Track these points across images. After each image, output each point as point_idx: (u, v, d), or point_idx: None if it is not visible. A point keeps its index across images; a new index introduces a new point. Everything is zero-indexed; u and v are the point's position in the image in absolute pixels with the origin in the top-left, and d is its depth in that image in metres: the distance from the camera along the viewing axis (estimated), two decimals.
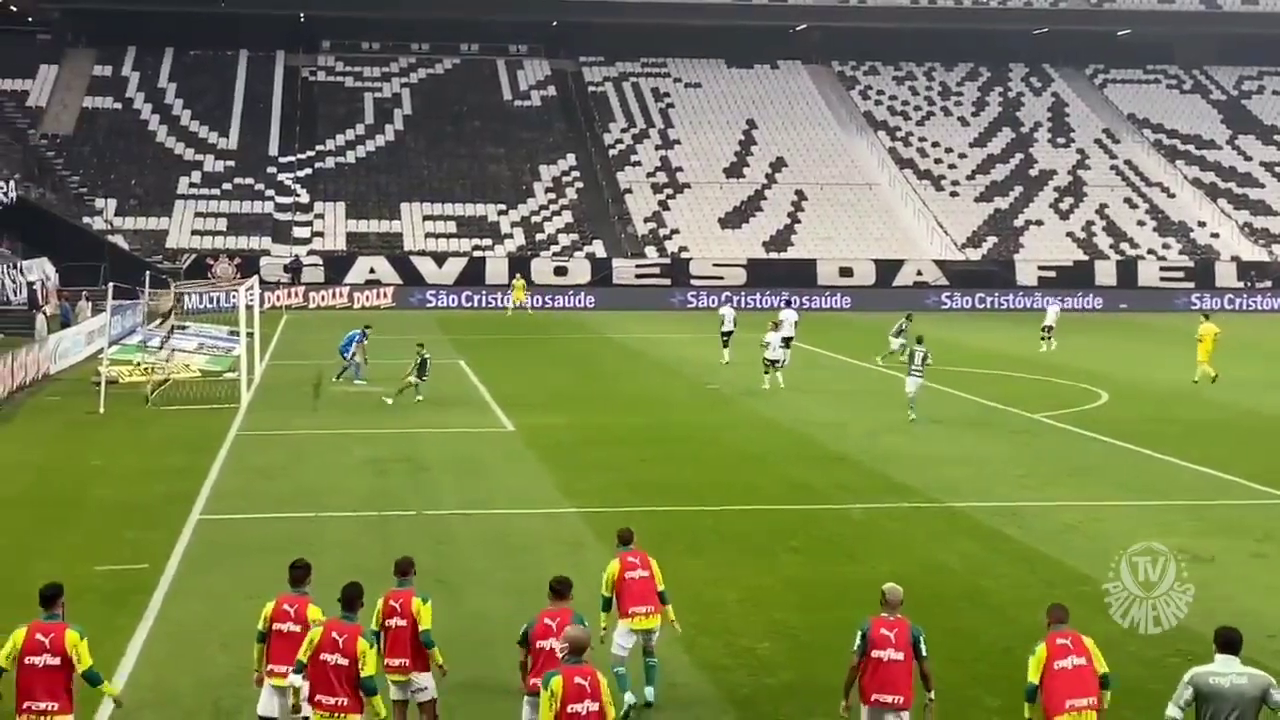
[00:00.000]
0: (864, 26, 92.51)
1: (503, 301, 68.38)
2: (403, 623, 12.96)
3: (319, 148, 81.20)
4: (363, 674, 11.92)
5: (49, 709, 11.74)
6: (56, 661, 11.77)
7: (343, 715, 11.98)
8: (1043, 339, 51.14)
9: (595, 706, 10.95)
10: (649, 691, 14.74)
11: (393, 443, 30.37)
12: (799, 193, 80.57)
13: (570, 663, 11.17)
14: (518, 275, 69.29)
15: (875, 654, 12.39)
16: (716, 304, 58.35)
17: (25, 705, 11.75)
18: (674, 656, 15.72)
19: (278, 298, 67.33)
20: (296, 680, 12.15)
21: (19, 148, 74.31)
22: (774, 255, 75.52)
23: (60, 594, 12.18)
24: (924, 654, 12.49)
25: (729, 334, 46.23)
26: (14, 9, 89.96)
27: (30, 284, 58.31)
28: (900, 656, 12.37)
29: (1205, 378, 41.18)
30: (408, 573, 13.43)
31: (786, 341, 44.11)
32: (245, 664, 13.80)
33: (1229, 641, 11.31)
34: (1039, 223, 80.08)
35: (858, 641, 12.44)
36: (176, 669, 15.85)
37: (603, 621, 14.51)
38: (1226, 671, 11.17)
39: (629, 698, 14.36)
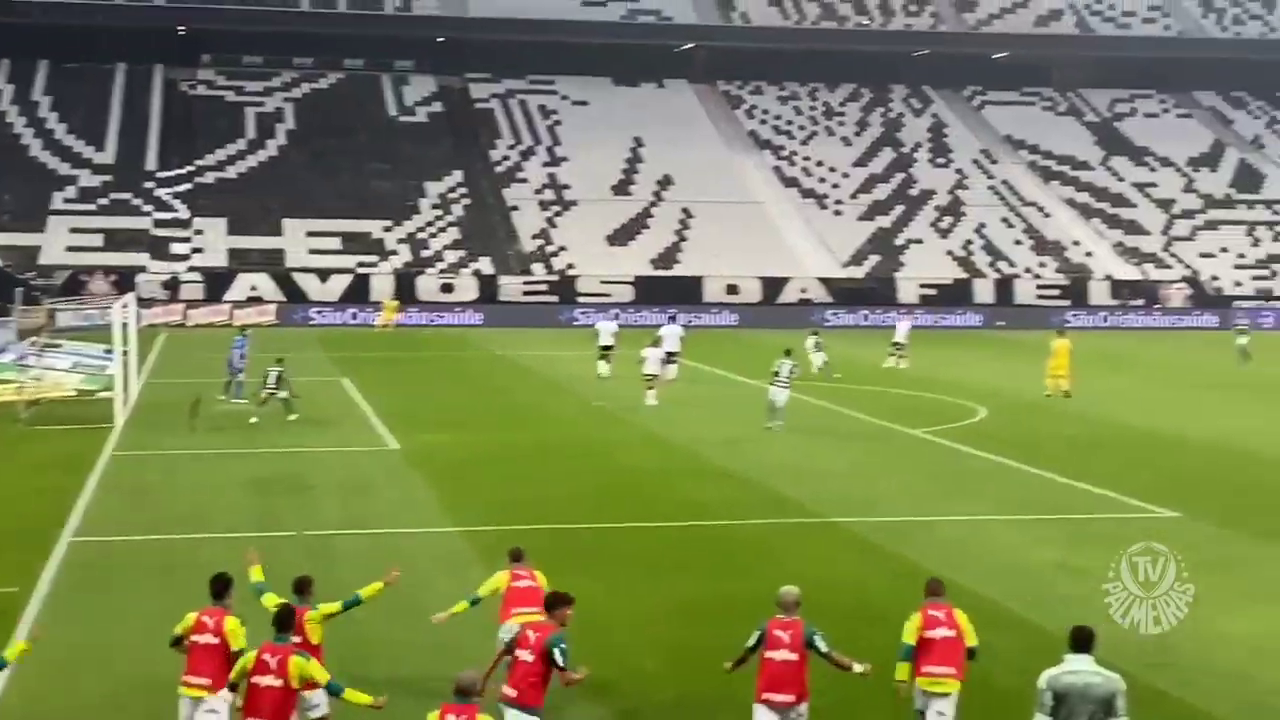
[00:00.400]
0: (749, 47, 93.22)
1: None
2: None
3: (199, 162, 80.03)
4: (322, 685, 12.22)
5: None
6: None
7: None
8: (891, 355, 51.38)
9: None
10: None
11: (274, 462, 29.95)
12: (686, 210, 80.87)
13: (456, 701, 11.40)
14: (391, 297, 68.99)
15: (769, 654, 12.83)
16: (625, 320, 59.09)
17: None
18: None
19: (155, 315, 66.22)
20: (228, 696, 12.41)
21: None
22: (661, 272, 75.70)
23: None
24: (825, 649, 12.91)
25: (608, 349, 46.25)
26: None
27: None
28: (794, 657, 12.78)
29: (1058, 392, 42.11)
30: (304, 592, 13.80)
31: (671, 356, 44.46)
32: (118, 687, 13.50)
33: (1080, 640, 11.54)
34: (919, 241, 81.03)
35: (753, 640, 12.98)
36: (48, 693, 15.45)
37: (457, 608, 15.42)
38: (1080, 669, 11.39)
39: None
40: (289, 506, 25.48)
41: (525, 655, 12.78)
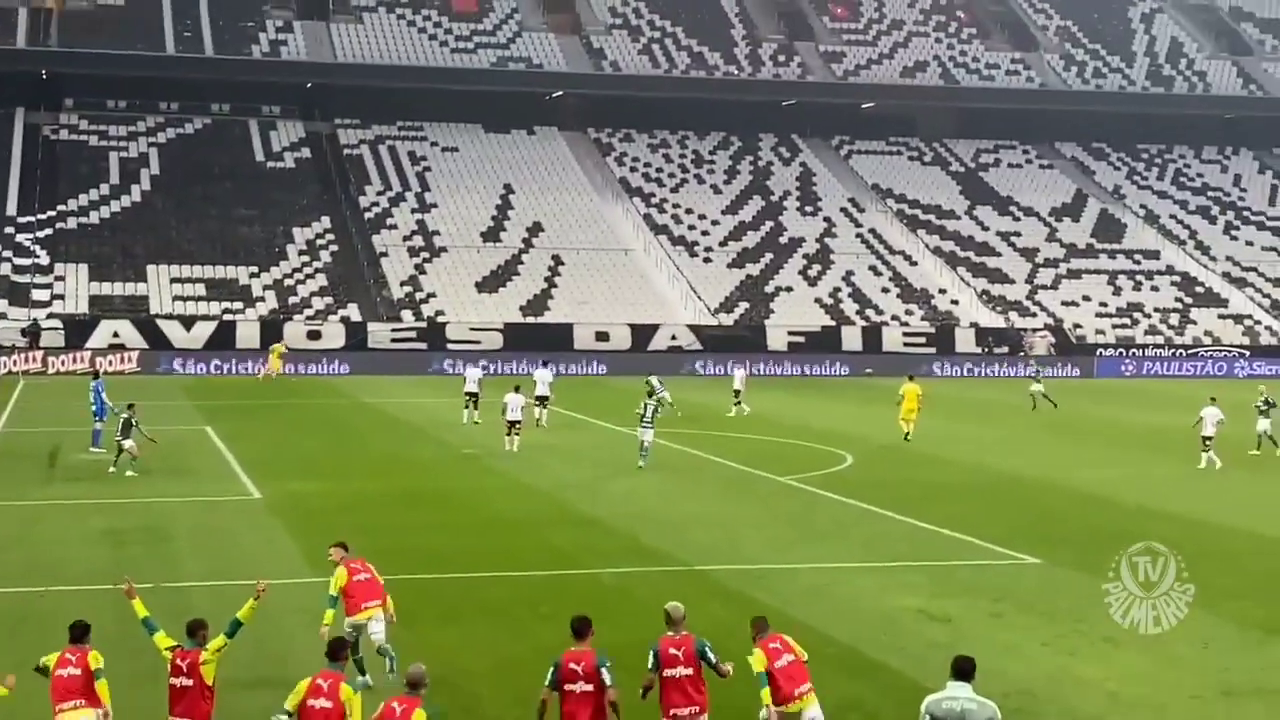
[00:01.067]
0: (619, 95, 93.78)
1: (255, 368, 67.09)
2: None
3: (60, 208, 78.60)
4: None
5: None
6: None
7: None
8: (735, 404, 51.48)
9: None
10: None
11: (133, 512, 29.42)
12: (556, 257, 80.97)
13: (404, 693, 12.77)
14: (279, 342, 68.04)
15: (667, 672, 13.71)
16: (495, 370, 59.28)
17: None
18: None
19: (14, 362, 64.85)
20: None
21: None
22: (531, 319, 75.66)
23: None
24: (714, 660, 13.95)
25: (473, 395, 46.29)
26: None
27: None
28: (690, 671, 13.75)
29: (902, 434, 43.38)
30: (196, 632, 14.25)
31: (542, 400, 45.08)
32: None
33: (962, 670, 12.15)
34: (789, 289, 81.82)
35: (650, 661, 13.87)
36: None
37: (328, 619, 17.09)
38: (958, 696, 11.96)
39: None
40: (148, 557, 25.03)
41: (584, 686, 13.45)
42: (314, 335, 71.34)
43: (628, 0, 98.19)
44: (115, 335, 68.97)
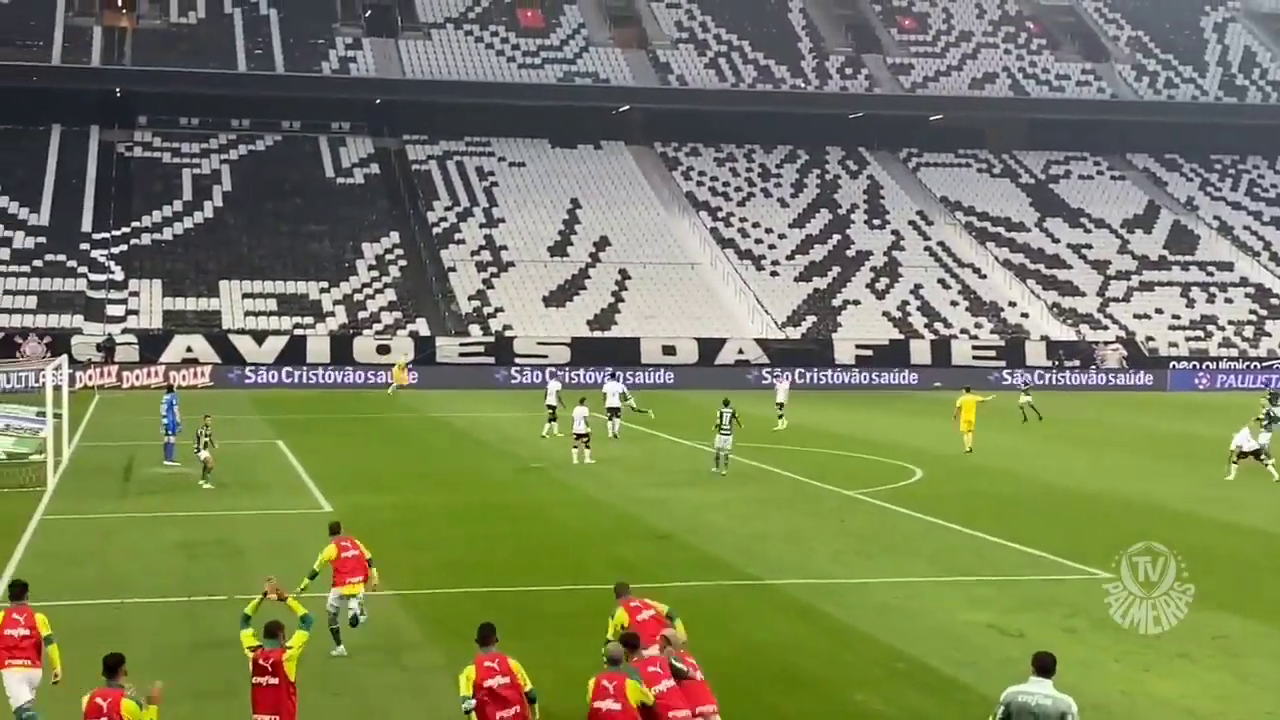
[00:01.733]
0: (685, 109, 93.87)
1: (324, 378, 67.77)
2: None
3: (135, 224, 79.58)
4: None
5: None
6: None
7: None
8: (779, 417, 50.98)
9: None
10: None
11: (206, 525, 29.69)
12: (623, 271, 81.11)
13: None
14: (403, 356, 68.53)
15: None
16: (541, 380, 59.40)
17: None
18: None
19: (90, 377, 65.64)
20: None
21: None
22: (598, 333, 75.79)
23: (121, 662, 13.49)
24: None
25: (553, 408, 46.64)
26: None
27: None
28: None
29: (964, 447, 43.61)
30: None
31: (613, 413, 45.52)
32: None
33: (1043, 666, 12.45)
34: (856, 302, 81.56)
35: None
36: None
37: (304, 584, 19.08)
38: (1035, 691, 12.26)
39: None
40: (221, 570, 25.25)
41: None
42: (383, 349, 71.76)
43: (694, 14, 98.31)
44: (188, 350, 69.70)
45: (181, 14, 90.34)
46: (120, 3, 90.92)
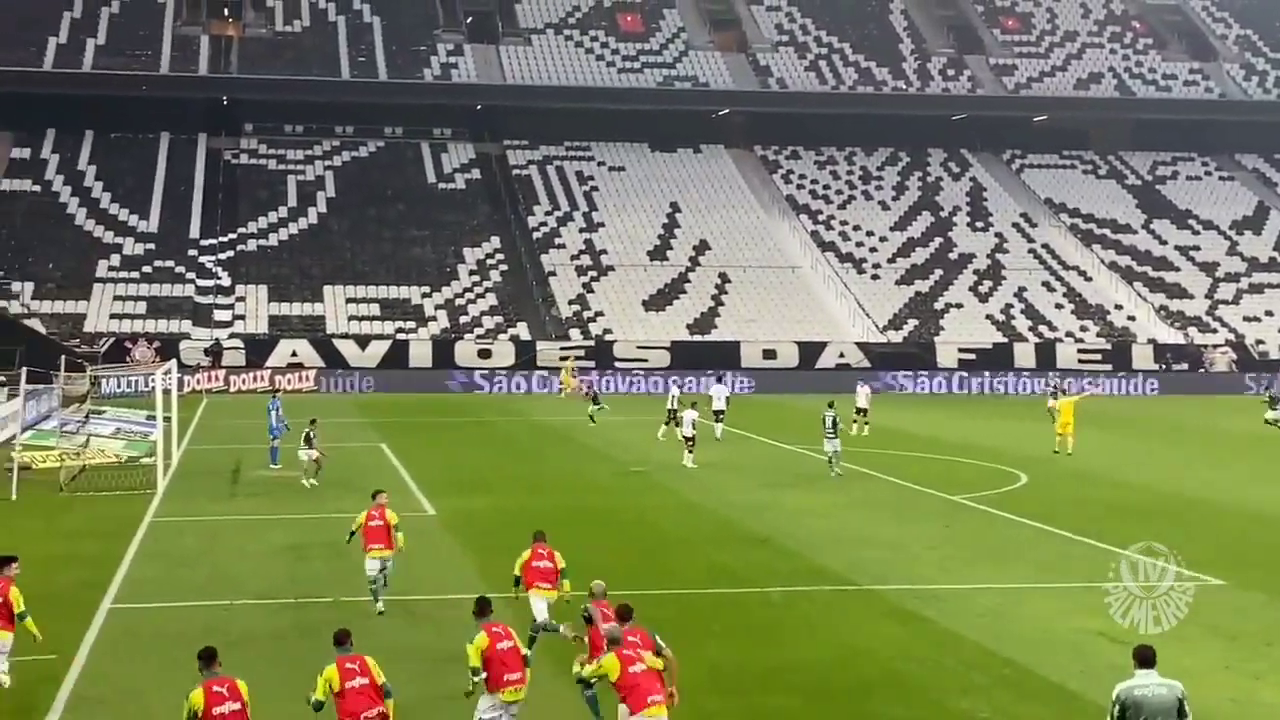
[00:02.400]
0: (786, 112, 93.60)
1: (429, 385, 68.34)
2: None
3: (241, 230, 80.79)
4: None
5: None
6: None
7: None
8: (855, 421, 49.70)
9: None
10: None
11: (312, 528, 30.01)
12: (722, 275, 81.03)
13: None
14: (569, 359, 68.31)
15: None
16: (660, 387, 59.62)
17: None
18: None
19: (198, 381, 66.66)
20: None
21: None
22: (698, 337, 75.76)
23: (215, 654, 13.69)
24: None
25: (673, 412, 46.76)
26: None
27: None
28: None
29: (1064, 448, 43.64)
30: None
31: (719, 415, 45.67)
32: None
33: (1145, 658, 12.77)
34: (959, 305, 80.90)
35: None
36: None
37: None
38: (1147, 683, 12.57)
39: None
40: (327, 572, 25.50)
41: (647, 657, 14.35)
42: (484, 354, 72.23)
43: (794, 17, 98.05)
44: (293, 354, 70.58)
45: (286, 22, 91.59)
46: (227, 12, 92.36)
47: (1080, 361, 76.28)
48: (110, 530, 29.38)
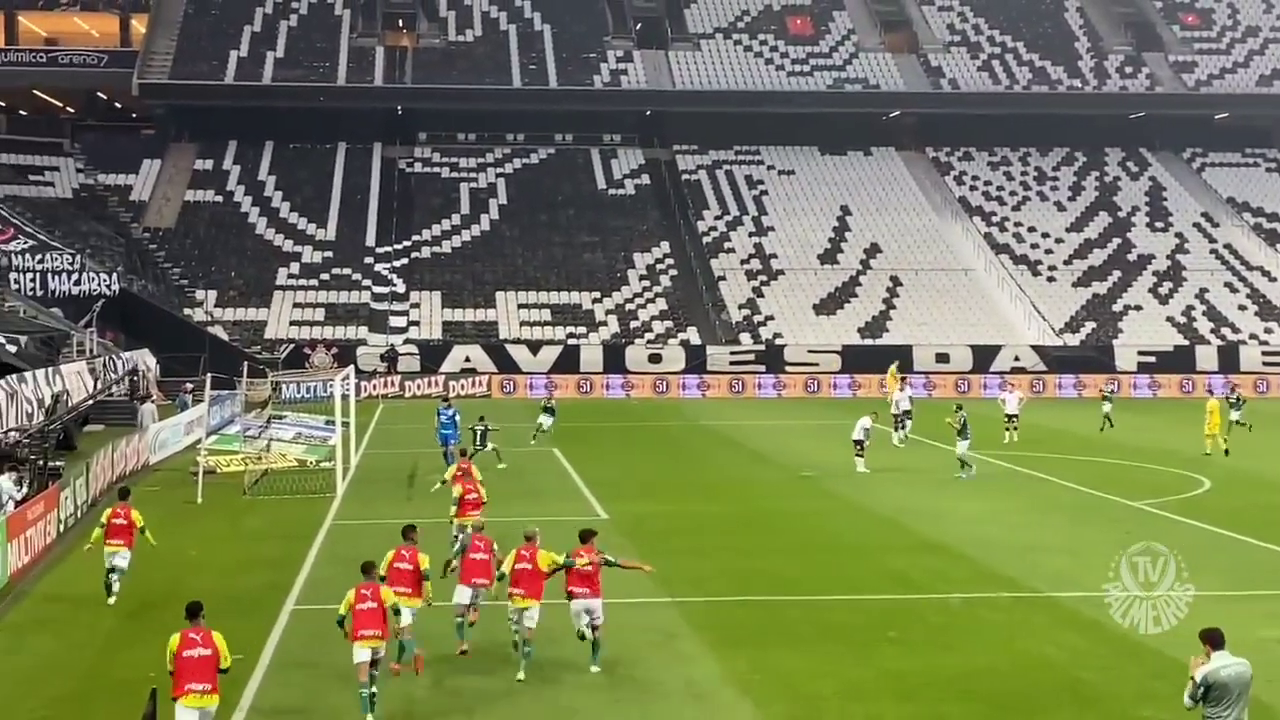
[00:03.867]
0: (958, 113, 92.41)
1: (605, 389, 68.93)
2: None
3: (415, 237, 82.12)
4: None
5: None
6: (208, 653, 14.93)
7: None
8: (1007, 429, 48.20)
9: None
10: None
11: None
12: (894, 278, 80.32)
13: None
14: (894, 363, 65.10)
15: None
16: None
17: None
18: None
19: (374, 387, 67.87)
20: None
21: (122, 241, 75.86)
22: (869, 341, 75.16)
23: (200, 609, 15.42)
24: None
25: (907, 413, 46.58)
26: (119, 106, 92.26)
27: (132, 375, 59.06)
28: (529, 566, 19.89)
29: (1217, 450, 43.35)
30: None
31: (905, 416, 46.50)
32: None
33: (1219, 640, 13.40)
34: (1138, 307, 79.21)
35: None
36: None
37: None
38: (1230, 663, 13.22)
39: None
40: None
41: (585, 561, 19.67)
42: (654, 359, 72.48)
43: (966, 17, 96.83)
44: (467, 359, 71.55)
45: (459, 32, 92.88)
46: (401, 23, 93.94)
47: (1265, 364, 74.19)
48: (292, 533, 30.05)
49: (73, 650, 20.60)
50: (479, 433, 40.30)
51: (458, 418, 41.03)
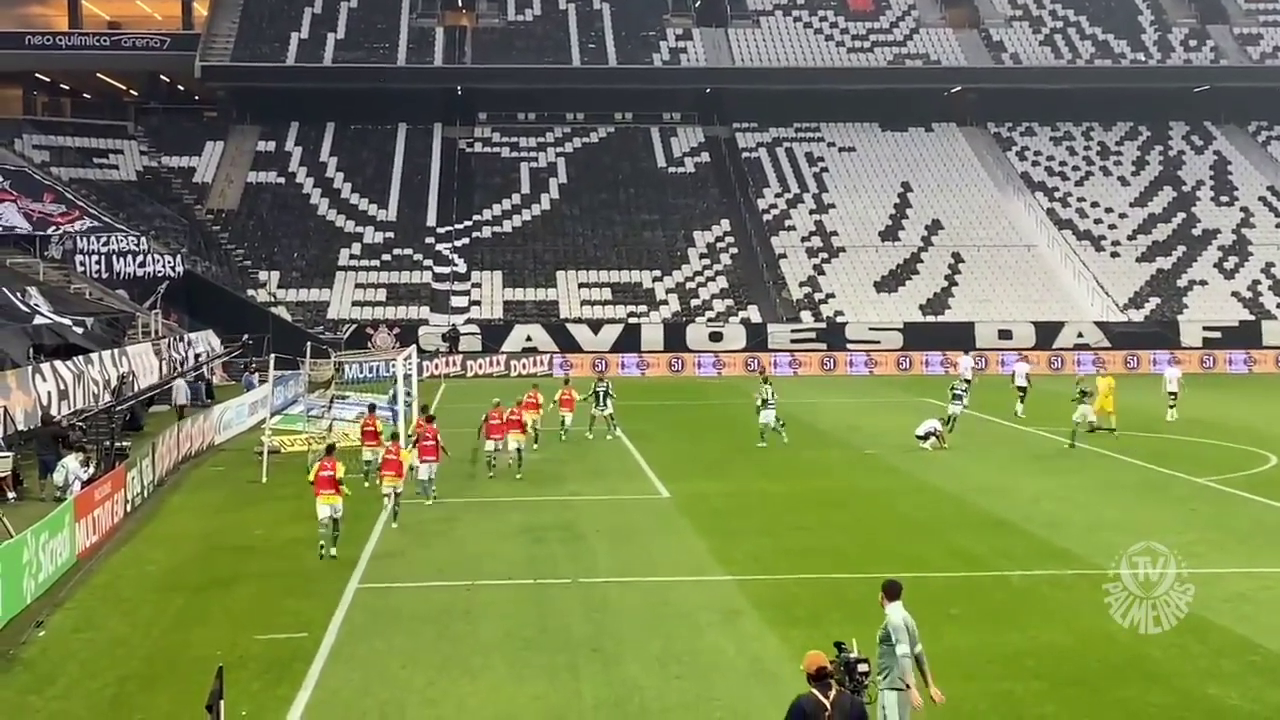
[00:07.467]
0: (1020, 88, 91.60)
1: (655, 369, 68.87)
2: None
3: (476, 217, 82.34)
4: None
5: None
6: None
7: None
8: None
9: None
10: None
11: (548, 510, 30.48)
12: (955, 255, 79.84)
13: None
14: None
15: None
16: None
17: None
18: None
19: (436, 366, 68.18)
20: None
21: (186, 223, 76.49)
22: (931, 318, 74.79)
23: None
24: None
25: (1023, 389, 48.65)
26: (181, 89, 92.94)
27: (197, 356, 59.61)
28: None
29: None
30: None
31: (1022, 392, 48.79)
32: None
33: (895, 590, 14.26)
34: (1203, 282, 78.40)
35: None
36: None
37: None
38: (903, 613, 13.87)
39: None
40: (564, 554, 25.88)
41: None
42: (715, 337, 72.40)
43: None
44: (528, 339, 71.72)
45: (518, 11, 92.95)
46: (460, 3, 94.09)
47: None
48: (354, 512, 30.18)
49: (140, 629, 20.83)
50: (599, 394, 42.96)
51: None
